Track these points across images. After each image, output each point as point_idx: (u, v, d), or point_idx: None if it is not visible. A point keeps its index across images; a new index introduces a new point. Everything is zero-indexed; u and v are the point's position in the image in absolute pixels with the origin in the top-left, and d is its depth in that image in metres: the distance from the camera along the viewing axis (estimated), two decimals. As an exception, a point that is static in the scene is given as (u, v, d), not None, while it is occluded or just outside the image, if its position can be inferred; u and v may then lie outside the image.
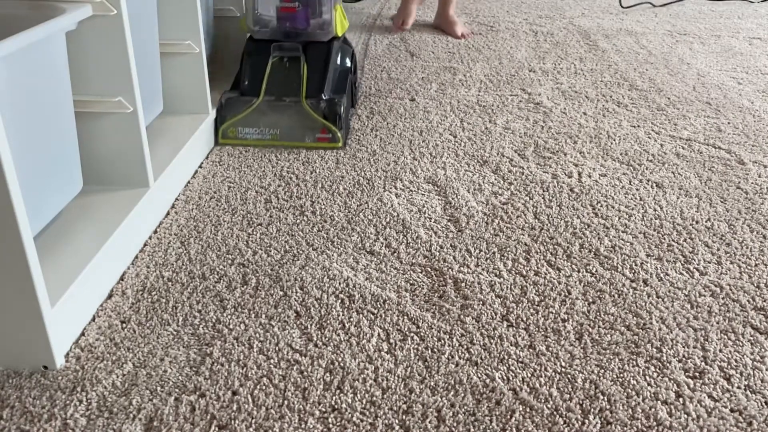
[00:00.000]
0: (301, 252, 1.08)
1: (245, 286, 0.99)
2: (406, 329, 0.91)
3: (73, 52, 0.99)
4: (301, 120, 1.44)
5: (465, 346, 0.88)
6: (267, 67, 1.48)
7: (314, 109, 1.44)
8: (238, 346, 0.88)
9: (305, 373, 0.83)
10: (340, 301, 0.97)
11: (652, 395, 0.81)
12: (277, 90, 1.46)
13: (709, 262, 1.07)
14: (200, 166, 1.37)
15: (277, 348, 0.87)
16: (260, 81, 1.47)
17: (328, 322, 0.92)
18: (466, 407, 0.79)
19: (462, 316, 0.94)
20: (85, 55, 1.02)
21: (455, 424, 0.76)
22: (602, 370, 0.84)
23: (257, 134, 1.45)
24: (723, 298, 0.98)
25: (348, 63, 1.59)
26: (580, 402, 0.80)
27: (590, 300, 0.98)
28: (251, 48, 1.51)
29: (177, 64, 1.38)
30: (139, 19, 1.16)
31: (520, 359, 0.86)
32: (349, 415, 0.77)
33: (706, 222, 1.18)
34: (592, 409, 0.78)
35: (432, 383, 0.82)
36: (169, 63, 1.37)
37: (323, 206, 1.22)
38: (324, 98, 1.46)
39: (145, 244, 1.09)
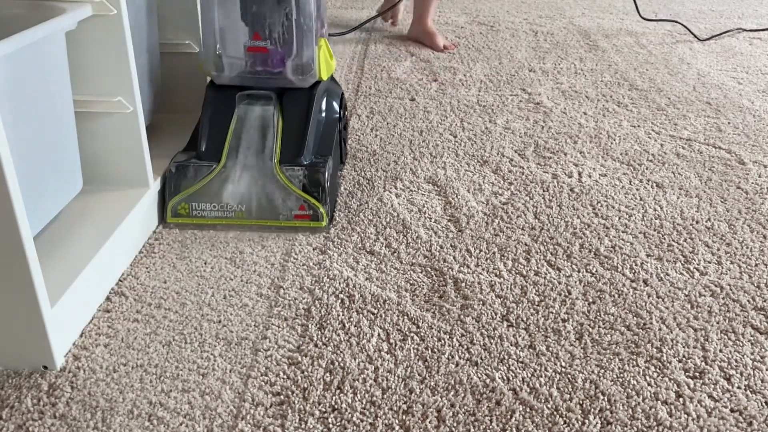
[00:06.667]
0: (300, 251, 1.08)
1: (246, 286, 0.99)
2: (406, 329, 0.91)
3: (73, 52, 0.99)
4: (273, 192, 1.13)
5: (465, 346, 0.88)
6: (231, 123, 1.16)
7: (291, 179, 1.12)
8: (238, 346, 0.88)
9: (305, 373, 0.83)
10: (340, 301, 0.97)
11: (653, 395, 0.81)
12: (243, 153, 1.15)
13: (710, 262, 1.07)
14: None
15: (277, 347, 0.87)
16: (222, 140, 1.15)
17: (328, 322, 0.92)
18: (466, 407, 0.79)
19: (462, 316, 0.94)
20: (85, 55, 1.02)
21: (455, 424, 0.76)
22: (602, 370, 0.84)
23: (216, 211, 1.13)
24: (723, 298, 0.98)
25: (336, 112, 1.28)
26: (581, 402, 0.80)
27: (590, 300, 0.98)
28: (211, 97, 1.19)
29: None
30: (139, 19, 1.16)
31: (520, 359, 0.86)
32: (349, 415, 0.77)
33: (706, 222, 1.18)
34: (593, 409, 0.78)
35: (432, 383, 0.82)
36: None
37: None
38: (304, 163, 1.14)
39: (144, 245, 1.09)
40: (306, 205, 1.13)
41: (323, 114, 1.24)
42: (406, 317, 0.94)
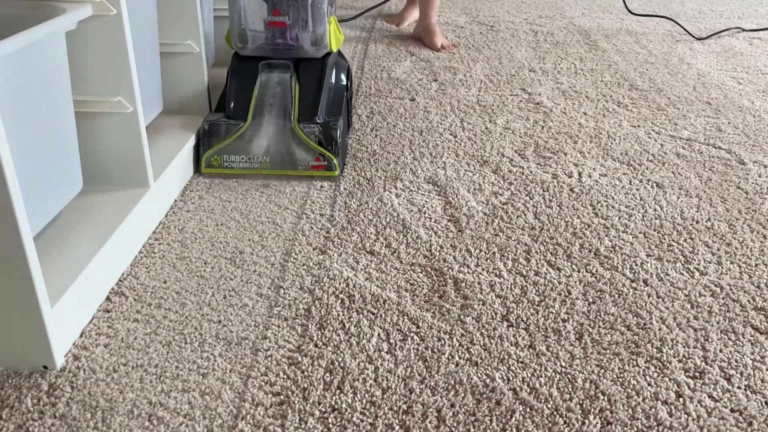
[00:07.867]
0: (300, 251, 1.08)
1: (246, 286, 0.99)
2: (406, 329, 0.91)
3: (73, 52, 0.99)
4: (293, 146, 1.32)
5: (465, 346, 0.88)
6: (254, 88, 1.35)
7: (308, 134, 1.31)
8: (238, 346, 0.88)
9: (305, 373, 0.83)
10: (340, 301, 0.97)
11: (653, 395, 0.81)
12: (266, 113, 1.33)
13: (710, 262, 1.07)
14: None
15: (277, 347, 0.87)
16: (247, 103, 1.34)
17: (328, 322, 0.92)
18: (466, 407, 0.79)
19: (462, 316, 0.94)
20: (85, 55, 1.02)
21: (455, 424, 0.76)
22: (602, 370, 0.84)
23: (244, 163, 1.32)
24: (723, 298, 0.98)
25: (344, 80, 1.46)
26: (581, 402, 0.79)
27: (590, 300, 0.98)
28: (237, 66, 1.37)
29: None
30: (139, 19, 1.16)
31: (520, 359, 0.86)
32: (349, 415, 0.77)
33: (706, 222, 1.18)
34: (593, 409, 0.78)
35: (432, 383, 0.82)
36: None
37: (323, 206, 1.22)
38: (319, 121, 1.33)
39: (144, 245, 1.09)
40: (321, 157, 1.32)
41: (333, 81, 1.42)
42: (406, 317, 0.94)
